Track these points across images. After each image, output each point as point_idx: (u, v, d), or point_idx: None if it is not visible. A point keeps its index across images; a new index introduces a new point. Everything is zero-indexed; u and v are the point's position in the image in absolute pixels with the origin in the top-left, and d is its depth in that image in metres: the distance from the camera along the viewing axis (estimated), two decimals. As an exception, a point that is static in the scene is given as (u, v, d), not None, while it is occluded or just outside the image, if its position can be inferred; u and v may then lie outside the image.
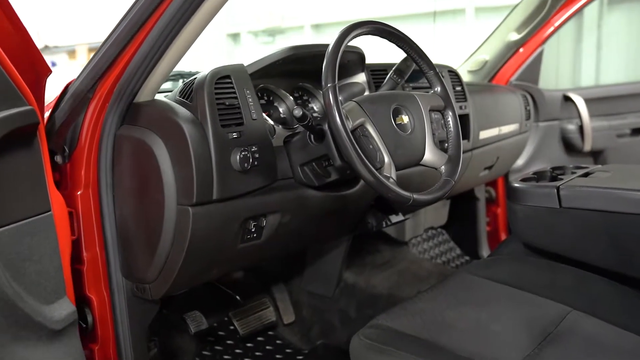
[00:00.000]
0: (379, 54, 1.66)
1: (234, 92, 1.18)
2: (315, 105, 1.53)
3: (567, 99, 2.59)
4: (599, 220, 1.31)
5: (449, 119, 1.30)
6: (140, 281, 1.25)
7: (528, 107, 2.38)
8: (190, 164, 1.09)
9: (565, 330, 1.10)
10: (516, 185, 1.43)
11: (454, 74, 1.90)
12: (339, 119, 1.06)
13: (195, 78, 1.18)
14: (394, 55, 1.39)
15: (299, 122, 1.16)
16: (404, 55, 1.32)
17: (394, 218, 1.64)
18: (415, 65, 1.31)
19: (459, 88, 1.88)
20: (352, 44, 1.40)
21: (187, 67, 1.71)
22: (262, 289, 1.89)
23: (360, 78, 1.55)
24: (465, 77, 2.42)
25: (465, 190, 2.32)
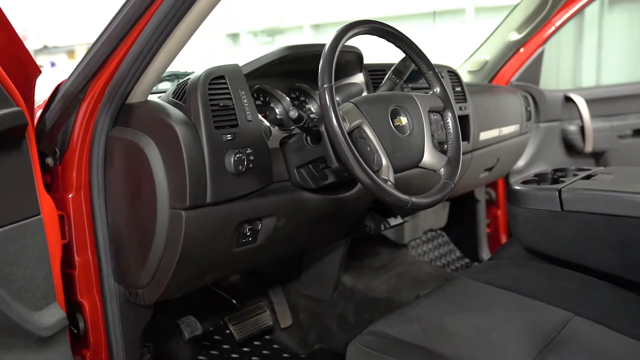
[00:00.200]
0: (377, 54, 1.64)
1: (228, 93, 1.16)
2: (313, 106, 1.51)
3: (568, 99, 2.57)
4: (601, 224, 1.28)
5: (449, 120, 1.28)
6: (132, 286, 1.23)
7: (529, 108, 2.36)
8: (182, 166, 1.07)
9: (568, 337, 1.07)
10: (517, 188, 1.41)
11: (454, 75, 1.88)
12: (335, 121, 1.04)
13: (189, 78, 1.15)
14: (393, 55, 1.37)
15: (295, 124, 1.13)
16: (403, 55, 1.30)
17: (392, 221, 1.62)
18: (414, 65, 1.30)
19: (458, 89, 1.86)
20: (350, 44, 1.39)
21: (186, 68, 1.69)
22: (259, 292, 1.86)
23: (358, 78, 1.53)
24: (465, 78, 2.40)
25: (465, 192, 2.30)
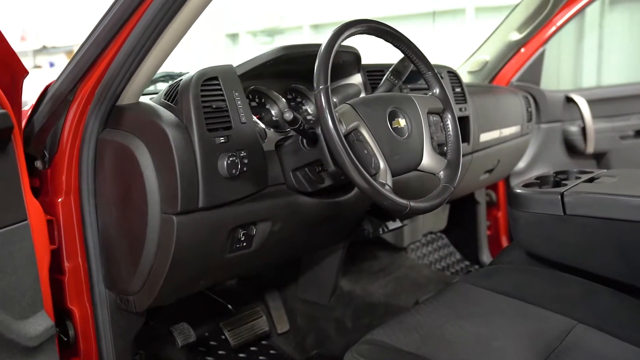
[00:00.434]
0: (375, 54, 1.61)
1: (221, 95, 1.13)
2: (310, 108, 1.48)
3: (569, 100, 2.54)
4: (605, 229, 1.25)
5: (448, 121, 1.25)
6: (123, 293, 1.20)
7: (530, 109, 2.33)
8: (174, 170, 1.04)
9: (571, 346, 1.04)
10: (518, 191, 1.38)
11: (454, 75, 1.85)
12: (331, 123, 1.01)
13: (181, 79, 1.12)
14: (392, 56, 1.34)
15: (290, 126, 1.10)
16: (402, 55, 1.27)
17: (391, 224, 1.59)
18: (413, 66, 1.27)
19: (458, 89, 1.84)
20: (348, 44, 1.36)
21: (185, 68, 1.65)
22: (255, 297, 1.83)
23: (356, 79, 1.50)
24: (465, 78, 2.38)
25: (465, 194, 2.27)
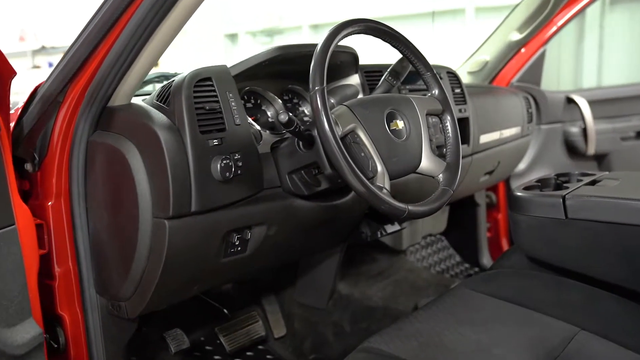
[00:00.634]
0: (374, 54, 1.58)
1: (215, 96, 1.10)
2: (306, 109, 1.45)
3: (570, 100, 2.52)
4: (608, 233, 1.22)
5: (448, 123, 1.23)
6: (115, 298, 1.17)
7: (530, 110, 2.30)
8: (166, 173, 1.01)
9: (574, 353, 1.02)
10: (519, 194, 1.35)
11: (453, 76, 1.82)
12: (327, 125, 0.99)
13: (173, 80, 1.09)
14: (390, 56, 1.31)
15: (285, 128, 1.08)
16: (400, 56, 1.24)
17: (389, 228, 1.56)
18: (412, 66, 1.24)
19: (458, 90, 1.81)
20: (346, 44, 1.34)
21: (183, 69, 1.62)
22: (251, 300, 1.80)
23: (354, 80, 1.48)
24: (465, 79, 2.35)
25: (465, 195, 2.24)
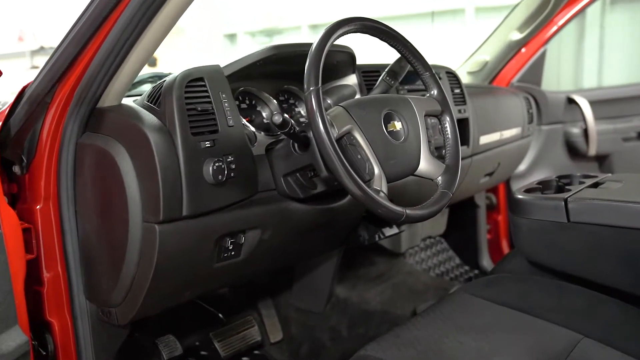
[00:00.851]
0: (372, 54, 1.55)
1: (207, 96, 1.07)
2: (303, 110, 1.42)
3: (571, 101, 2.49)
4: (611, 237, 1.19)
5: (447, 124, 1.20)
6: (105, 304, 1.14)
7: (531, 110, 2.27)
8: (156, 176, 0.98)
9: (576, 362, 0.98)
10: (519, 196, 1.32)
11: (453, 76, 1.79)
12: (322, 126, 0.96)
13: (164, 80, 1.06)
14: (389, 56, 1.28)
15: (280, 130, 1.05)
16: (398, 55, 1.21)
17: (387, 231, 1.53)
18: (410, 66, 1.21)
19: (457, 90, 1.78)
20: (344, 43, 1.31)
21: (181, 69, 1.59)
22: (247, 305, 1.77)
23: (351, 80, 1.45)
24: (465, 79, 2.32)
25: (464, 197, 2.21)
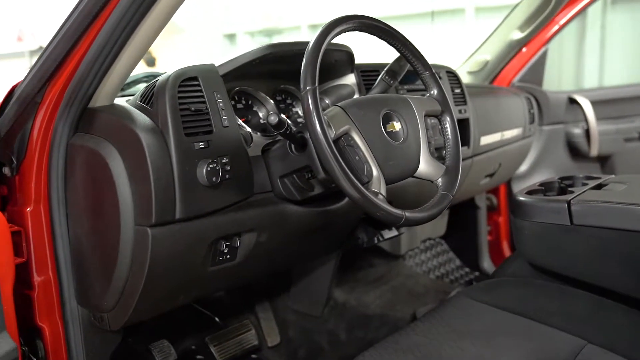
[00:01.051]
0: (370, 53, 1.53)
1: (201, 96, 1.05)
2: (300, 110, 1.39)
3: (573, 101, 2.46)
4: (615, 240, 1.16)
5: (447, 125, 1.17)
6: (97, 309, 1.11)
7: (532, 110, 2.24)
8: (148, 178, 0.95)
9: (580, 369, 0.96)
10: (521, 199, 1.29)
11: (453, 75, 1.77)
12: (319, 127, 0.93)
13: (157, 80, 1.04)
14: (389, 55, 1.26)
15: (276, 130, 1.02)
16: (398, 54, 1.19)
17: (386, 233, 1.50)
18: (410, 65, 1.18)
19: (458, 90, 1.75)
20: (342, 42, 1.28)
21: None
22: (244, 308, 1.74)
23: (349, 80, 1.42)
24: (465, 79, 2.30)
25: (465, 198, 2.18)
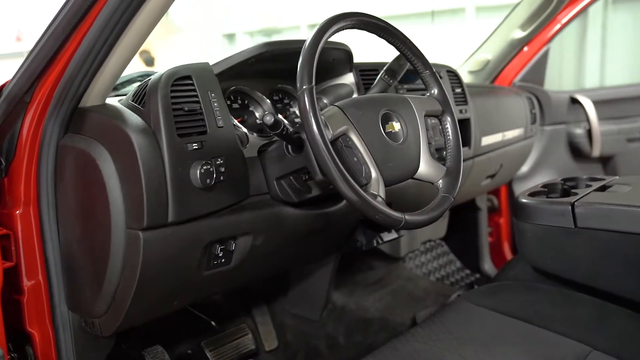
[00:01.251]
0: (370, 52, 1.50)
1: (195, 96, 1.02)
2: (298, 110, 1.36)
3: (575, 101, 2.43)
4: (620, 243, 1.14)
5: (448, 125, 1.15)
6: (88, 315, 1.08)
7: (533, 110, 2.22)
8: (139, 180, 0.93)
9: (585, 377, 0.93)
10: (524, 200, 1.26)
11: (454, 75, 1.74)
12: (315, 127, 0.91)
13: (150, 79, 1.01)
14: (388, 54, 1.23)
15: (272, 131, 0.99)
16: (397, 53, 1.16)
17: (386, 236, 1.46)
18: (410, 64, 1.16)
19: (458, 90, 1.73)
20: (341, 40, 1.25)
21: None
22: (241, 311, 1.71)
23: (348, 79, 1.39)
24: (466, 78, 2.27)
25: (466, 200, 2.15)
